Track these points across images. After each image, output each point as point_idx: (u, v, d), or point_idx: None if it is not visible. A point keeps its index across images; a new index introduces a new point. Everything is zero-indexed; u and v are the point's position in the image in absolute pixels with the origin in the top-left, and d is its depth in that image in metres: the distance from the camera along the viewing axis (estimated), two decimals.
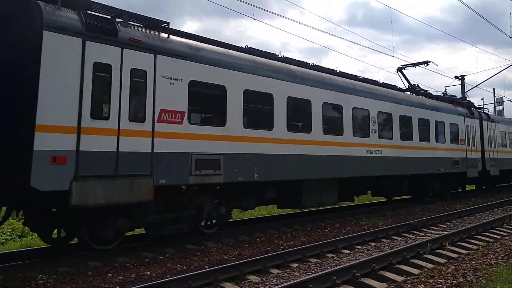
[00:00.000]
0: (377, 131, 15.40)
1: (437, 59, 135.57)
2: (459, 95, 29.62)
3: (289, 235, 11.71)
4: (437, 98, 21.26)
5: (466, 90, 29.77)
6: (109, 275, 7.77)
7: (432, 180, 19.51)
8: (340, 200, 14.85)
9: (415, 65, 21.59)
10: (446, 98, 21.77)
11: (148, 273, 7.91)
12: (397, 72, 21.47)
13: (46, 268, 7.91)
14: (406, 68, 21.64)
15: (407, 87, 21.08)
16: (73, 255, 8.82)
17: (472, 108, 23.82)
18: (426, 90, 21.15)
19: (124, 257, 8.92)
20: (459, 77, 30.27)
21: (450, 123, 20.22)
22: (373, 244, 10.46)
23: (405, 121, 17.11)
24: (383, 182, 16.77)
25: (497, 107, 43.76)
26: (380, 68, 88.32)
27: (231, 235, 11.29)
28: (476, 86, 31.79)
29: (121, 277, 7.62)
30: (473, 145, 21.96)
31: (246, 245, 10.38)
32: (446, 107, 20.56)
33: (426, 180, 19.24)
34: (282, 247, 10.10)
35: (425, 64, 21.56)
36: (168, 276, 7.60)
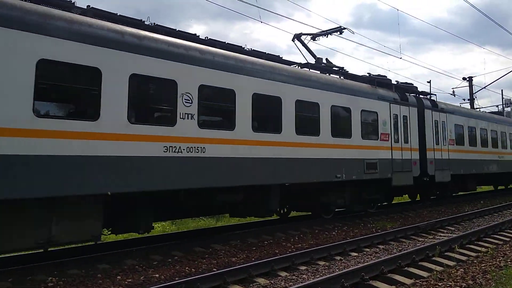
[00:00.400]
0: (195, 116, 9.56)
1: (444, 60, 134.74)
2: (467, 97, 29.48)
3: (296, 238, 11.70)
4: (346, 75, 15.31)
5: (474, 92, 29.61)
6: (118, 277, 7.81)
7: (329, 190, 13.82)
8: (111, 231, 9.73)
9: (325, 33, 15.72)
10: (363, 77, 15.96)
11: (157, 275, 7.94)
12: (294, 40, 15.37)
13: (55, 271, 7.97)
14: (316, 39, 15.63)
15: (314, 62, 15.01)
16: (82, 258, 8.86)
17: (409, 93, 17.61)
18: (342, 68, 15.37)
19: (132, 259, 8.96)
20: (467, 79, 30.13)
21: (363, 111, 14.44)
22: (381, 246, 10.42)
23: (266, 104, 11.38)
24: (221, 198, 10.57)
25: (505, 109, 43.53)
26: (388, 70, 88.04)
27: (238, 237, 11.30)
28: (484, 87, 31.70)
29: (130, 280, 7.66)
30: (406, 142, 16.23)
31: (254, 248, 10.38)
32: (354, 87, 14.59)
33: (318, 191, 13.58)
34: (290, 250, 10.11)
35: (339, 32, 15.77)
36: (176, 278, 7.62)
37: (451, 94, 28.33)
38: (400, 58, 46.12)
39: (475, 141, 21.51)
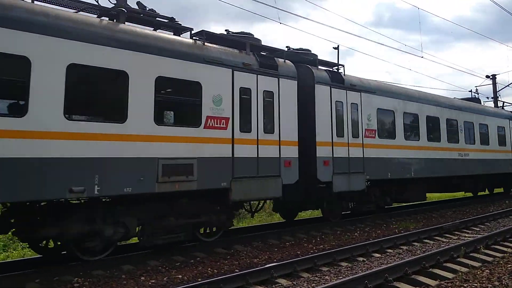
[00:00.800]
0: None
1: (467, 58, 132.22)
2: (490, 95, 28.85)
3: (318, 239, 11.66)
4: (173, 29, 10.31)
5: (498, 90, 28.99)
6: (142, 278, 7.93)
7: (68, 215, 8.17)
8: None
9: None
10: (187, 29, 10.41)
11: (180, 276, 8.03)
12: None
13: (81, 272, 8.13)
14: None
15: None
16: (107, 259, 9.01)
17: (284, 59, 11.93)
18: (172, 18, 10.35)
19: (156, 260, 9.08)
20: (490, 77, 29.52)
21: (161, 79, 9.02)
22: (404, 247, 10.31)
23: None
24: None
25: None
26: (409, 69, 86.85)
27: (260, 238, 11.32)
28: (508, 85, 30.91)
29: (153, 281, 7.76)
30: (268, 131, 11.01)
31: (276, 249, 10.39)
32: (144, 39, 8.94)
33: (49, 215, 8.15)
34: (311, 251, 10.09)
35: None
36: (199, 279, 7.70)
37: (474, 93, 27.76)
38: (422, 57, 45.37)
39: (417, 133, 15.95)
